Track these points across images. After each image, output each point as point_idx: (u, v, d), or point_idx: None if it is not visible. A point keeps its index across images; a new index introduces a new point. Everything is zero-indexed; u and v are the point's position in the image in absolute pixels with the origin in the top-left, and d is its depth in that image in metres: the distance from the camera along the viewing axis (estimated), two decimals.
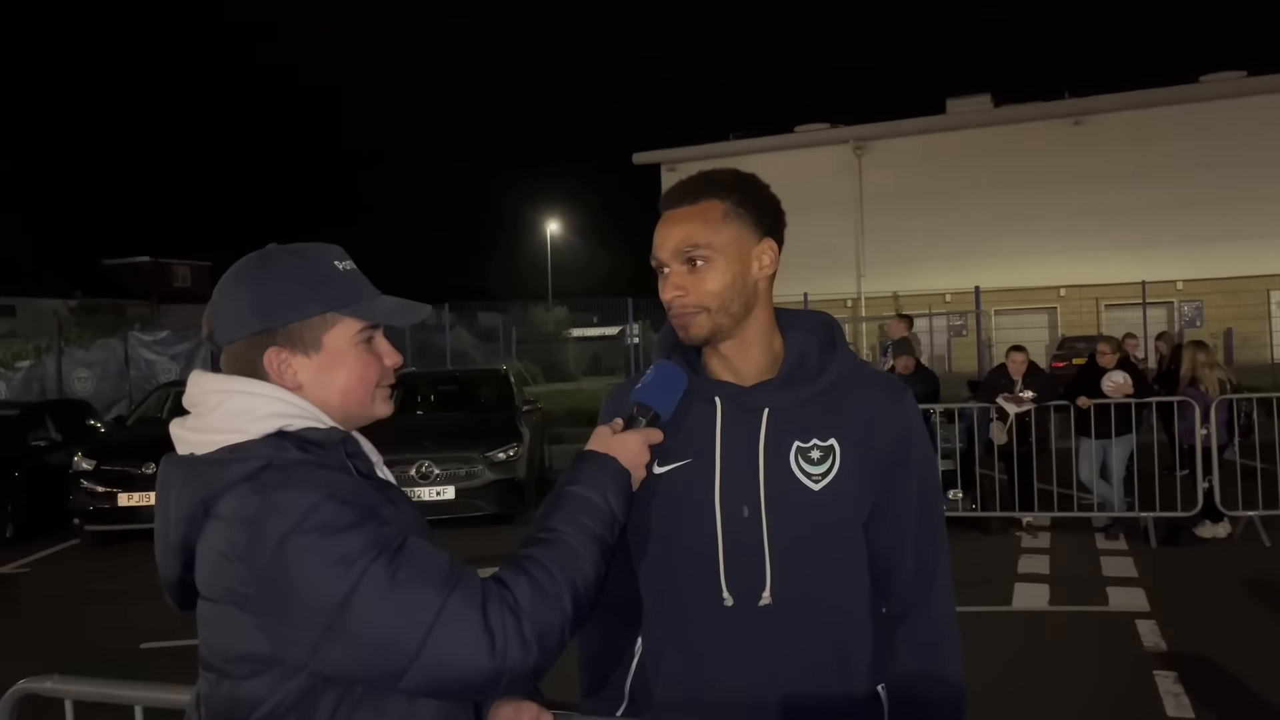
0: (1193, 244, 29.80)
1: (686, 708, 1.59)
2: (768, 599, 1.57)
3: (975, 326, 21.67)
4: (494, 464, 9.67)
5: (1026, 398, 8.36)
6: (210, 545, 1.25)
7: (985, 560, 7.44)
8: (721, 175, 1.61)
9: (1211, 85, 31.67)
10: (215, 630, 1.29)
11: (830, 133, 35.52)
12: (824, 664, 1.59)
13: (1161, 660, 5.25)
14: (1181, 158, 30.31)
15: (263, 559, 1.20)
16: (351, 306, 1.37)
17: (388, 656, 1.20)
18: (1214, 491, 7.91)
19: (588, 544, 1.35)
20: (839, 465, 1.58)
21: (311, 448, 1.30)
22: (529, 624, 1.24)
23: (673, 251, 1.57)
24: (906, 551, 1.64)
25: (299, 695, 1.25)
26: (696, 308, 1.56)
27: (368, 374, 1.40)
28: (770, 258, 1.60)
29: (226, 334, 1.36)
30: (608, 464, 1.46)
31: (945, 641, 1.66)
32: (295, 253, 1.39)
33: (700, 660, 1.60)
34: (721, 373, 1.65)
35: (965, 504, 8.42)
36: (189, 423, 1.35)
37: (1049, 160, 31.65)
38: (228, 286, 1.37)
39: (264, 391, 1.33)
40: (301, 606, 1.20)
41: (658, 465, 1.61)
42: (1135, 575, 7.04)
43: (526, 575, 1.28)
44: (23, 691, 1.96)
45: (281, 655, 1.24)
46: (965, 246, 31.61)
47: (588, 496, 1.41)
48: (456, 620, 1.20)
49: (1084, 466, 8.46)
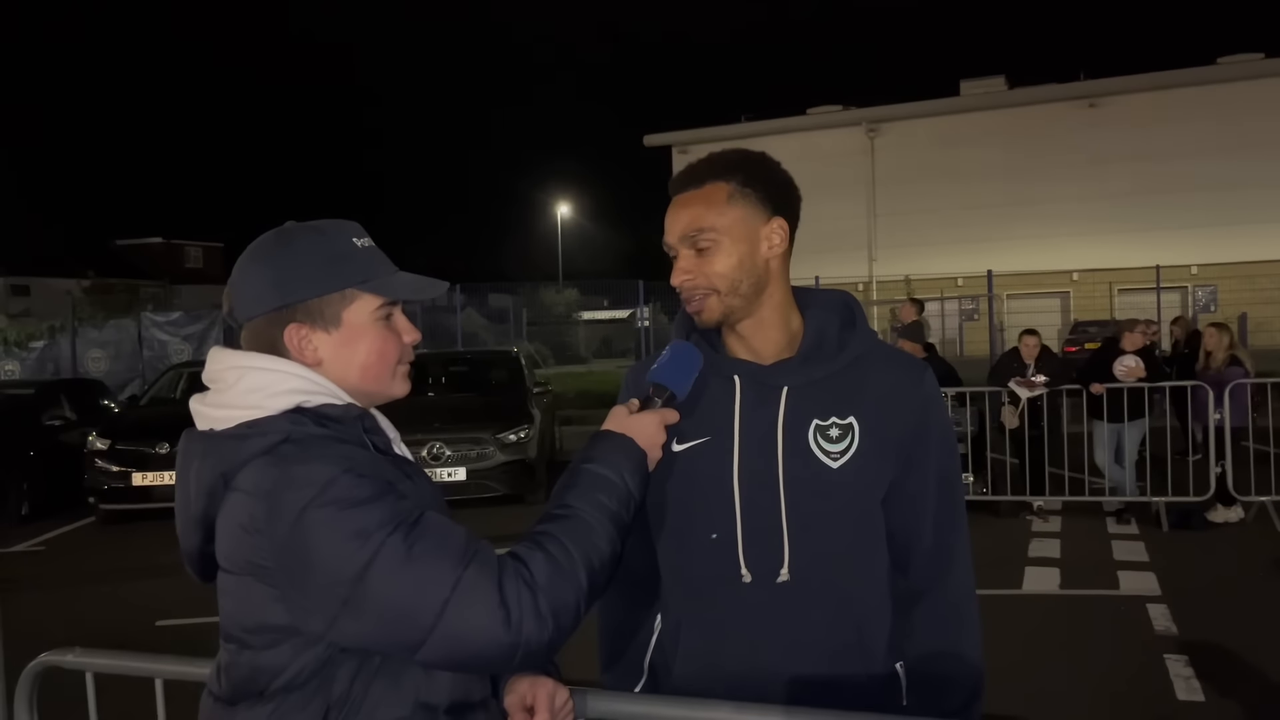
0: (1207, 228, 29.58)
1: (705, 683, 1.59)
2: (786, 576, 1.57)
3: (988, 310, 21.59)
4: (505, 445, 9.70)
5: (1039, 382, 8.33)
6: (230, 518, 1.27)
7: (996, 544, 7.43)
8: (726, 156, 1.60)
9: (1228, 67, 31.35)
10: (235, 601, 1.30)
11: (843, 115, 35.32)
12: (842, 641, 1.59)
13: (1172, 644, 5.24)
14: (1197, 140, 30.05)
15: (281, 531, 1.22)
16: (370, 283, 1.38)
17: (404, 629, 1.21)
18: (1226, 476, 7.88)
19: (604, 521, 1.36)
20: (858, 443, 1.58)
21: (329, 423, 1.31)
22: (545, 599, 1.24)
23: (680, 236, 1.57)
24: (925, 529, 1.64)
25: (317, 665, 1.27)
26: (706, 290, 1.57)
27: (387, 350, 1.40)
28: (780, 236, 1.59)
29: (246, 310, 1.37)
30: (624, 443, 1.46)
31: (963, 620, 1.67)
32: (314, 229, 1.39)
33: (718, 636, 1.60)
34: (740, 351, 1.65)
35: (976, 488, 8.41)
36: (208, 398, 1.36)
37: (1063, 143, 31.43)
38: (247, 263, 1.38)
39: (282, 368, 1.33)
40: (319, 578, 1.21)
41: (677, 443, 1.62)
42: (1146, 560, 7.03)
43: (543, 550, 1.29)
44: (45, 664, 1.98)
45: (300, 626, 1.25)
46: (978, 230, 31.45)
47: (604, 474, 1.41)
48: (472, 594, 1.21)
49: (1099, 450, 8.45)
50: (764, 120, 35.34)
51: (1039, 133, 31.82)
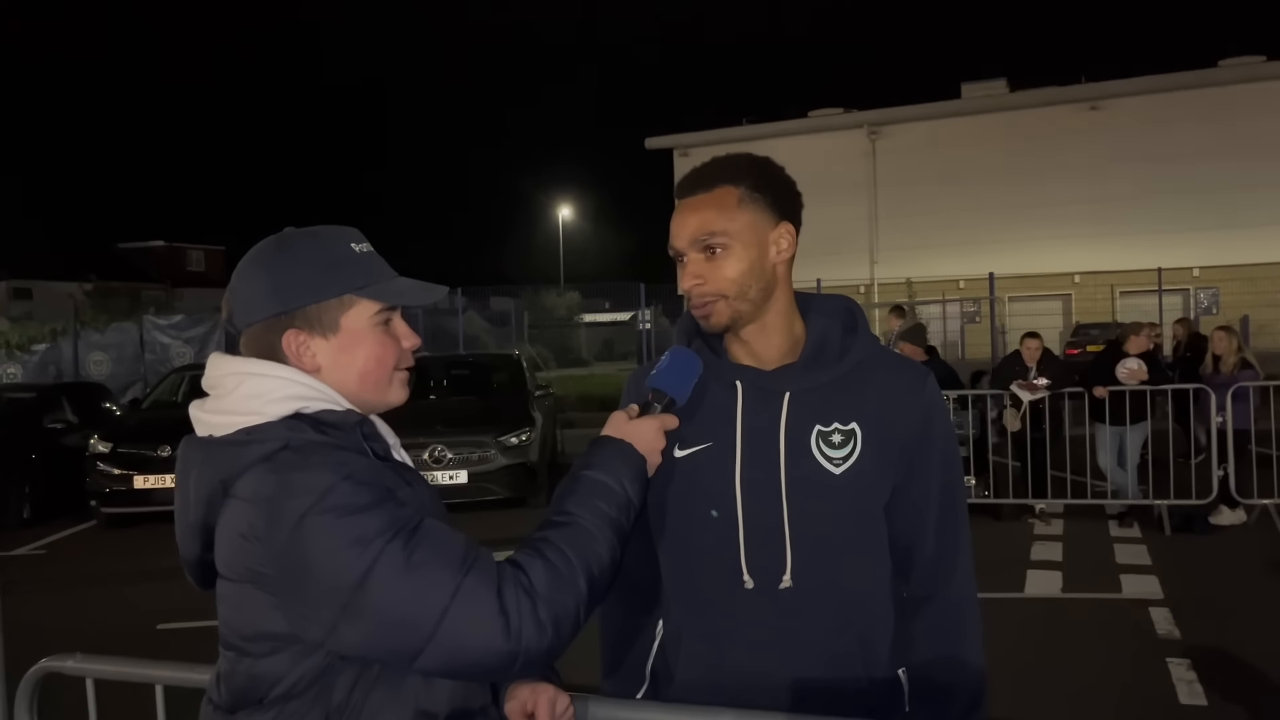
0: (1209, 230, 29.56)
1: (707, 690, 1.59)
2: (788, 582, 1.57)
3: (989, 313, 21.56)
4: (507, 448, 9.69)
5: (1040, 385, 8.32)
6: (229, 525, 1.27)
7: (998, 547, 7.42)
8: (735, 160, 1.60)
9: (1230, 69, 31.33)
10: (234, 609, 1.30)
11: (845, 117, 35.32)
12: (844, 647, 1.59)
13: (1175, 648, 5.24)
14: (1199, 143, 30.03)
15: (280, 539, 1.21)
16: (368, 288, 1.38)
17: (403, 637, 1.21)
18: (1229, 479, 7.87)
19: (603, 528, 1.36)
20: (860, 449, 1.58)
21: (328, 429, 1.31)
22: (544, 606, 1.24)
23: (689, 240, 1.57)
24: (927, 535, 1.64)
25: (316, 673, 1.26)
26: (715, 295, 1.56)
27: (385, 355, 1.40)
28: (788, 241, 1.59)
29: (245, 317, 1.37)
30: (623, 449, 1.46)
31: (966, 625, 1.66)
32: (311, 235, 1.39)
33: (720, 643, 1.60)
34: (742, 357, 1.64)
35: (978, 490, 8.40)
36: (208, 405, 1.36)
37: (1065, 145, 31.41)
38: (246, 270, 1.38)
39: (281, 374, 1.33)
40: (318, 586, 1.21)
41: (679, 449, 1.61)
42: (1149, 563, 7.02)
43: (542, 558, 1.28)
44: (45, 670, 1.97)
45: (299, 634, 1.25)
46: (979, 232, 31.43)
47: (603, 481, 1.41)
48: (472, 601, 1.21)
49: (1101, 453, 8.44)
50: (765, 123, 35.34)
51: (1040, 135, 31.81)
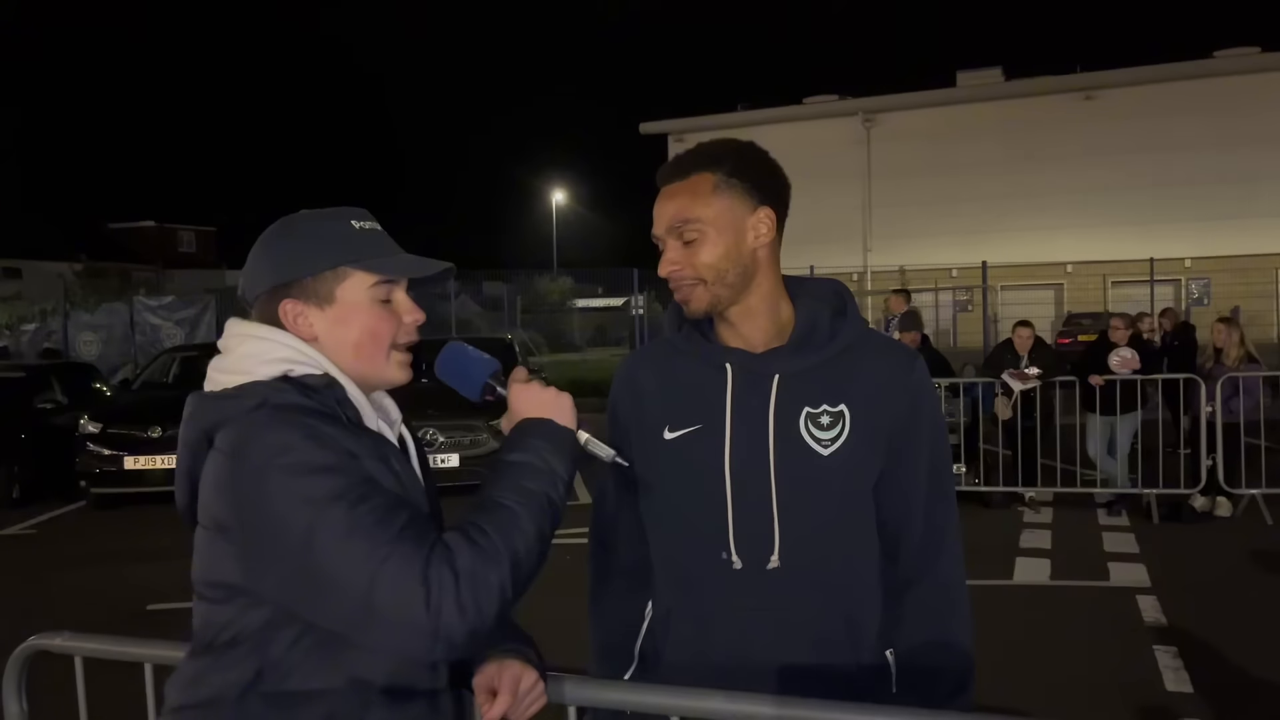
0: (1202, 221, 29.63)
1: (694, 670, 1.59)
2: (776, 563, 1.58)
3: (981, 302, 21.62)
4: (498, 432, 9.65)
5: (1032, 374, 8.34)
6: (207, 475, 1.33)
7: (987, 534, 7.45)
8: (713, 147, 1.61)
9: (1225, 61, 31.37)
10: (201, 555, 1.37)
11: (839, 104, 35.29)
12: (832, 629, 1.60)
13: (1161, 635, 5.28)
14: (1193, 134, 30.08)
15: (241, 491, 1.27)
16: (364, 261, 1.42)
17: (335, 599, 1.24)
18: (1218, 469, 7.92)
19: (528, 506, 1.35)
20: (848, 431, 1.58)
21: (311, 393, 1.37)
22: (467, 585, 1.24)
23: (666, 227, 1.59)
24: (915, 518, 1.65)
25: (259, 626, 1.31)
26: (693, 280, 1.57)
27: (380, 329, 1.43)
28: (767, 226, 1.59)
29: (251, 290, 1.45)
30: (528, 424, 1.43)
31: (954, 608, 1.68)
32: (316, 215, 1.47)
33: (708, 623, 1.61)
34: (731, 339, 1.65)
35: (968, 478, 8.43)
36: (215, 362, 1.44)
37: (1059, 135, 31.43)
38: (255, 248, 1.47)
39: (274, 337, 1.40)
40: (268, 541, 1.26)
41: (669, 430, 1.62)
42: (1137, 551, 7.06)
43: (467, 539, 1.29)
44: (33, 648, 1.97)
45: (248, 586, 1.30)
46: (973, 221, 31.46)
47: (521, 460, 1.39)
48: (397, 570, 1.22)
49: (1091, 442, 8.48)
50: (760, 109, 35.30)
51: (1035, 124, 31.82)
